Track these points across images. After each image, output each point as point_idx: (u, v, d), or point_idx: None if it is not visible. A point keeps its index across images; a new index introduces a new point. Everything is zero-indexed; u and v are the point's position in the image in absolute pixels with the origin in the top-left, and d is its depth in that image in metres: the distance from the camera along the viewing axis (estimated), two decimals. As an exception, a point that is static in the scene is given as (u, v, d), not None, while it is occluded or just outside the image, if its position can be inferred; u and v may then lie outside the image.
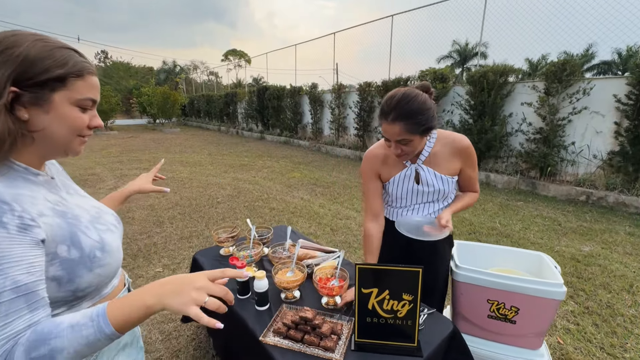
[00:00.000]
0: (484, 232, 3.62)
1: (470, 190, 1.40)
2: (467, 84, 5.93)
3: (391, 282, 0.99)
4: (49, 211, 0.60)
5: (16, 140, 0.57)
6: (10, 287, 0.50)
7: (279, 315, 1.19)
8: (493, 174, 5.70)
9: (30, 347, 0.49)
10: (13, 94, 0.55)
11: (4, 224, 0.51)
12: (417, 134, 1.13)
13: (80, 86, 0.61)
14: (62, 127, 0.60)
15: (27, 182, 0.61)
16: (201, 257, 1.69)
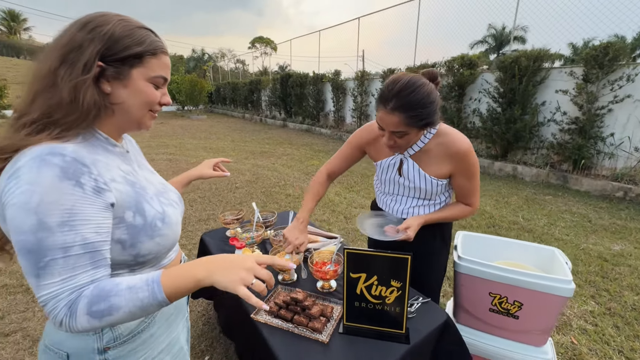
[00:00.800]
0: (504, 226, 3.47)
1: (464, 201, 1.30)
2: (497, 70, 5.60)
3: (380, 268, 0.99)
4: (120, 179, 0.65)
5: (100, 111, 0.62)
6: (79, 243, 0.55)
7: (273, 295, 1.22)
8: (521, 166, 5.41)
9: (92, 301, 0.54)
10: (99, 68, 0.60)
11: (82, 184, 0.56)
12: (415, 127, 1.05)
13: (154, 64, 0.66)
14: (137, 101, 0.66)
15: (105, 150, 0.66)
16: (208, 237, 1.75)
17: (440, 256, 1.41)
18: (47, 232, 0.52)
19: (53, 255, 0.53)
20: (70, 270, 0.54)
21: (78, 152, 0.57)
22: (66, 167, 0.54)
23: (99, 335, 0.65)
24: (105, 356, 0.66)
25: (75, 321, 0.53)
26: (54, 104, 0.58)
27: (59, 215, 0.53)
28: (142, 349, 0.71)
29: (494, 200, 4.31)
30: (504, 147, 5.74)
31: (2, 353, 1.78)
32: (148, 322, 0.72)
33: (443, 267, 1.45)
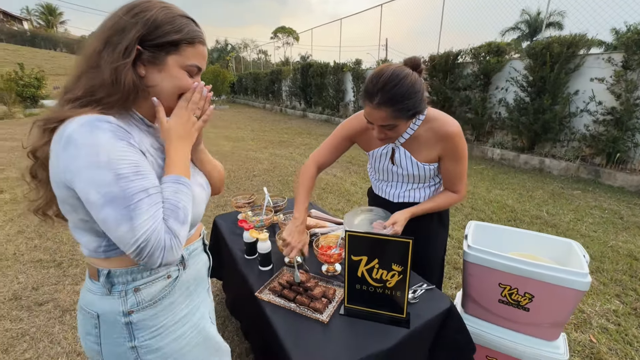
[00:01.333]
0: (526, 221, 3.34)
1: (451, 188, 1.28)
2: (526, 58, 5.30)
3: (381, 252, 0.98)
4: (153, 152, 0.71)
5: (138, 93, 0.66)
6: (152, 185, 0.62)
7: (278, 275, 1.25)
8: (549, 159, 5.15)
9: (172, 216, 0.63)
10: (137, 51, 0.64)
11: (132, 145, 0.62)
12: (403, 119, 1.04)
13: (190, 53, 0.69)
14: (169, 86, 0.69)
15: (139, 129, 0.71)
16: (220, 220, 1.81)
17: (438, 237, 1.41)
18: (127, 181, 0.58)
19: (140, 197, 0.59)
20: (155, 206, 0.61)
21: (120, 122, 0.63)
22: (116, 130, 0.60)
23: (124, 299, 0.70)
24: (130, 319, 0.71)
25: (179, 236, 0.63)
26: (97, 84, 0.63)
27: (130, 167, 0.59)
28: (163, 314, 0.75)
29: (517, 194, 4.14)
30: (531, 139, 5.47)
31: (35, 320, 1.93)
32: (169, 290, 0.76)
33: (442, 249, 1.45)
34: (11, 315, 1.97)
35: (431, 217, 1.36)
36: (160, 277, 0.74)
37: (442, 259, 1.46)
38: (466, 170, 1.26)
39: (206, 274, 0.92)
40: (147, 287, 0.72)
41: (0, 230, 3.04)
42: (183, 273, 0.79)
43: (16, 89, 11.59)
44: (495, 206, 3.71)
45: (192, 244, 0.84)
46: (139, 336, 0.72)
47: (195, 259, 0.85)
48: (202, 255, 0.90)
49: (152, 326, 0.73)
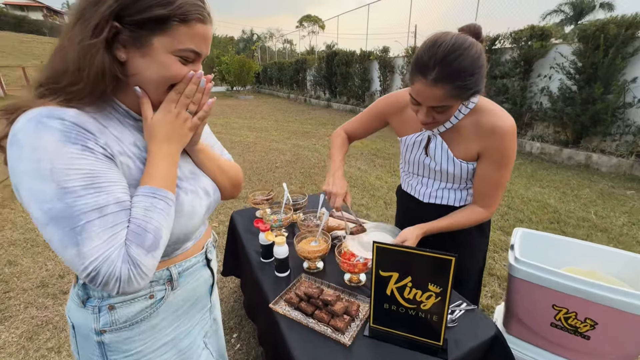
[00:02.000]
0: (571, 223, 3.02)
1: (480, 200, 1.06)
2: (576, 41, 4.78)
3: (415, 268, 0.83)
4: (133, 154, 0.58)
5: (113, 81, 0.53)
6: (113, 202, 0.51)
7: (295, 284, 1.13)
8: (597, 154, 4.66)
9: (137, 240, 0.51)
10: (114, 30, 0.51)
11: (91, 149, 0.50)
12: (460, 99, 0.86)
13: (183, 33, 0.54)
14: (155, 75, 0.55)
15: (121, 124, 0.59)
16: (237, 216, 1.71)
17: (477, 249, 1.20)
18: (74, 196, 0.48)
19: (89, 217, 0.48)
20: (111, 229, 0.50)
21: (80, 118, 0.51)
22: (67, 131, 0.48)
23: (96, 315, 0.62)
24: (102, 338, 0.63)
25: (142, 267, 0.51)
26: (60, 68, 0.52)
27: (81, 179, 0.48)
28: (141, 339, 0.66)
29: (560, 193, 3.77)
30: (577, 132, 4.97)
31: (59, 309, 1.96)
32: (150, 312, 0.66)
33: (481, 261, 1.25)
34: (37, 302, 2.01)
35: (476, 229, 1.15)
36: (140, 297, 0.64)
37: (480, 272, 1.27)
38: (506, 183, 1.03)
39: (207, 292, 0.81)
40: (123, 307, 0.62)
41: (34, 216, 3.15)
42: (171, 294, 0.68)
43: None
44: (534, 206, 3.40)
45: (188, 259, 0.72)
46: (112, 358, 0.64)
47: (189, 278, 0.73)
48: (203, 271, 0.77)
49: (126, 350, 0.65)
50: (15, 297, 2.04)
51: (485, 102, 0.99)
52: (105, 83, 0.52)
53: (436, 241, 1.14)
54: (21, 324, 1.83)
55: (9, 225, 2.96)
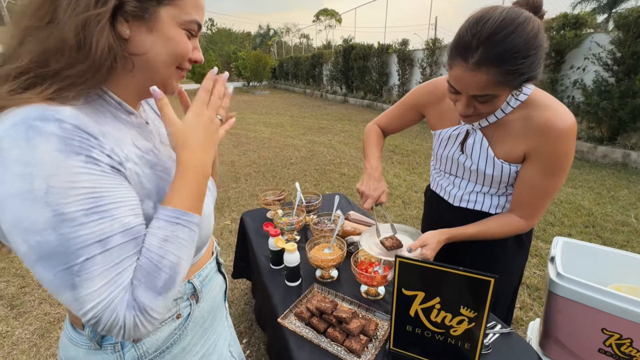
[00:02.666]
0: (608, 228, 2.78)
1: (520, 210, 0.90)
2: (615, 30, 4.41)
3: (446, 288, 0.71)
4: (136, 158, 0.49)
5: (115, 63, 0.45)
6: (119, 230, 0.42)
7: (306, 296, 1.03)
8: (636, 152, 4.31)
9: (148, 280, 0.44)
10: (117, 1, 0.43)
11: (96, 160, 0.41)
12: (510, 87, 0.71)
13: (189, 4, 0.49)
14: (165, 52, 0.49)
15: (116, 120, 0.50)
16: (247, 217, 1.63)
17: (513, 260, 1.05)
18: (72, 225, 0.39)
19: (90, 253, 0.40)
20: (115, 267, 0.42)
21: (79, 118, 0.41)
22: (67, 137, 0.39)
23: (119, 354, 0.54)
24: None
25: (150, 312, 0.43)
26: (52, 47, 0.42)
27: (82, 202, 0.39)
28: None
29: (595, 194, 3.50)
30: (614, 128, 4.62)
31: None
32: (179, 333, 0.59)
33: (517, 275, 1.09)
34: (51, 298, 2.01)
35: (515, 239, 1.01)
36: (167, 319, 0.57)
37: (515, 289, 1.12)
38: (556, 192, 0.87)
39: (223, 299, 0.75)
40: (150, 335, 0.55)
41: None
42: (196, 308, 0.63)
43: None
44: (567, 208, 3.16)
45: (204, 267, 0.66)
46: None
47: (209, 287, 0.67)
48: (217, 277, 0.72)
49: None
50: (30, 293, 2.05)
51: (541, 95, 0.82)
52: (110, 63, 0.44)
53: (463, 251, 1.01)
54: (35, 321, 1.83)
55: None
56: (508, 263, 1.04)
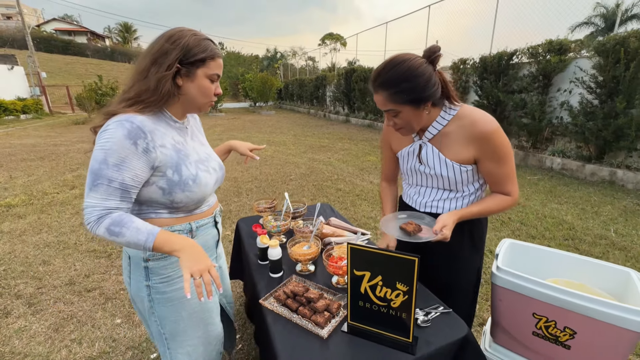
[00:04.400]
0: (587, 241, 2.92)
1: (499, 190, 1.13)
2: (595, 55, 4.70)
3: (384, 268, 0.91)
4: (170, 146, 0.91)
5: (170, 98, 0.90)
6: (118, 180, 0.82)
7: (285, 284, 1.23)
8: (621, 170, 4.48)
9: (112, 222, 0.82)
10: (177, 68, 0.87)
11: (137, 145, 0.83)
12: (403, 104, 1.02)
13: (212, 65, 0.92)
14: (199, 92, 0.92)
15: (166, 124, 0.94)
16: (242, 223, 1.85)
17: (469, 260, 1.25)
18: (105, 166, 0.80)
19: (102, 181, 0.81)
20: (107, 195, 0.82)
21: (143, 122, 0.85)
22: (131, 130, 0.82)
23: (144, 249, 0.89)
24: (147, 264, 0.97)
25: (97, 228, 0.81)
26: (144, 89, 0.87)
27: (116, 159, 0.81)
28: (171, 267, 0.99)
29: (579, 209, 3.65)
30: (600, 147, 4.81)
31: (83, 305, 2.15)
32: None
33: (474, 273, 1.27)
34: (65, 298, 2.21)
35: (461, 236, 1.20)
36: None
37: (474, 287, 1.30)
38: (514, 170, 1.11)
39: (214, 245, 1.15)
40: None
41: (67, 221, 3.46)
42: None
43: (95, 98, 13.26)
44: (550, 222, 3.31)
45: (202, 219, 1.05)
46: (152, 279, 0.97)
47: (203, 232, 1.06)
48: (212, 230, 1.11)
49: (161, 274, 0.98)
50: (46, 293, 2.26)
51: (466, 109, 1.09)
52: (167, 97, 0.89)
53: (430, 252, 1.21)
54: (50, 317, 2.03)
55: (45, 229, 3.27)
56: (465, 260, 1.24)
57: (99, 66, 31.51)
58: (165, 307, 1.00)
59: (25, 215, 3.62)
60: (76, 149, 7.28)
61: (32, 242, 2.99)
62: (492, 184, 1.14)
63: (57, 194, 4.30)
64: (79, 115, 14.96)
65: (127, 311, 2.09)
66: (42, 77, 16.63)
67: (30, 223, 3.41)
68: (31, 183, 4.75)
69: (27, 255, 2.77)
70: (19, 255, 2.77)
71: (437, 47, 1.00)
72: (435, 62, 1.01)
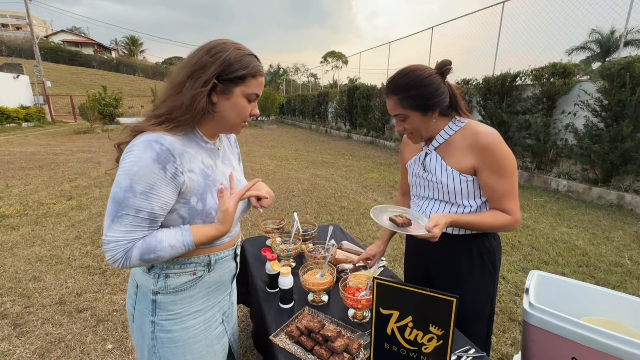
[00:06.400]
0: (602, 268, 2.81)
1: (498, 207, 1.08)
2: (599, 79, 4.72)
3: (416, 308, 0.81)
4: (198, 170, 0.82)
5: (204, 116, 0.80)
6: (147, 210, 0.73)
7: (297, 317, 1.12)
8: (630, 194, 4.41)
9: (143, 252, 0.74)
10: (213, 84, 0.77)
11: (166, 169, 0.74)
12: (412, 109, 1.06)
13: (253, 83, 0.82)
14: (233, 112, 0.82)
15: (197, 145, 0.84)
16: (248, 244, 1.74)
17: (480, 286, 1.16)
18: (132, 194, 0.71)
19: (128, 211, 0.71)
20: (134, 227, 0.72)
21: (173, 144, 0.75)
22: (161, 153, 0.73)
23: (155, 280, 0.84)
24: (155, 297, 0.85)
25: (129, 263, 0.74)
26: (177, 105, 0.77)
27: (144, 186, 0.71)
28: (181, 303, 0.87)
29: (590, 234, 3.55)
30: (607, 170, 4.76)
31: (73, 327, 2.01)
32: (191, 284, 0.87)
33: (487, 302, 1.19)
34: (54, 319, 2.07)
35: (470, 260, 1.15)
36: (187, 272, 0.86)
37: (490, 314, 1.20)
38: (516, 188, 1.06)
39: (230, 279, 1.01)
40: (174, 277, 0.85)
41: (62, 234, 3.33)
42: (207, 274, 0.90)
43: (98, 108, 13.31)
44: (561, 247, 3.21)
45: (223, 252, 0.93)
46: (159, 314, 0.86)
47: (221, 265, 0.94)
48: (230, 263, 0.98)
49: (170, 310, 0.86)
50: (34, 313, 2.12)
51: (472, 122, 1.11)
52: (201, 115, 0.79)
53: (438, 274, 1.20)
54: (36, 340, 1.88)
55: (38, 242, 3.14)
56: (476, 288, 1.16)
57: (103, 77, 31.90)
58: (169, 349, 0.88)
59: (19, 226, 3.49)
60: (76, 158, 7.20)
61: (24, 256, 2.86)
62: (491, 199, 1.09)
63: (54, 204, 4.18)
64: (81, 124, 14.97)
65: (120, 335, 1.95)
66: (46, 86, 16.76)
67: (23, 235, 3.28)
68: (27, 192, 4.64)
69: (17, 270, 2.64)
70: (8, 269, 2.64)
71: (448, 61, 1.06)
72: (445, 74, 1.07)
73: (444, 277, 1.20)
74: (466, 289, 1.16)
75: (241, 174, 1.03)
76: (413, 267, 1.36)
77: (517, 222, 1.07)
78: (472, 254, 1.15)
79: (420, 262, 1.29)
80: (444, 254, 1.18)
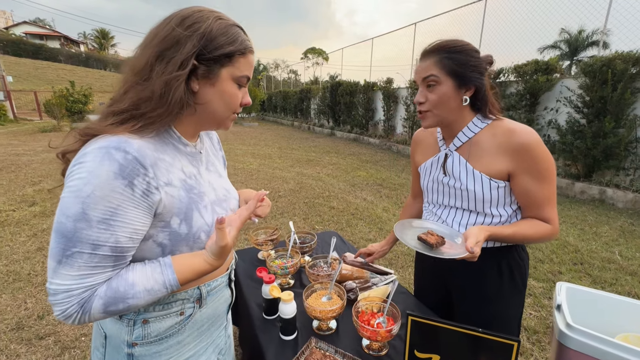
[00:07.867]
0: (595, 265, 2.80)
1: (536, 215, 0.95)
2: (582, 76, 4.79)
3: (463, 352, 0.65)
4: (178, 182, 0.63)
5: (182, 109, 0.60)
6: (110, 244, 0.54)
7: (304, 352, 0.93)
8: (611, 189, 4.50)
9: (108, 302, 0.55)
10: (193, 66, 0.59)
11: (133, 186, 0.54)
12: (448, 74, 0.89)
13: (242, 63, 0.64)
14: (221, 102, 0.64)
15: (174, 149, 0.65)
16: (238, 258, 1.53)
17: (509, 306, 1.03)
18: (85, 224, 0.52)
19: (82, 248, 0.52)
20: (91, 268, 0.53)
21: (142, 151, 0.56)
22: (125, 164, 0.53)
23: (130, 328, 0.65)
24: (132, 350, 0.66)
25: (88, 317, 0.54)
26: (145, 96, 0.58)
27: (102, 212, 0.52)
28: (167, 353, 0.69)
29: (579, 230, 3.58)
30: (589, 166, 4.85)
31: (32, 357, 1.73)
32: (178, 328, 0.69)
33: (515, 323, 1.06)
34: (9, 349, 1.78)
35: (499, 278, 1.01)
36: (172, 312, 0.68)
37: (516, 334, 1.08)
38: (555, 193, 0.94)
39: (225, 310, 0.84)
40: (156, 322, 0.66)
41: (22, 245, 2.97)
42: (198, 311, 0.72)
43: (66, 105, 12.43)
44: (554, 244, 3.19)
45: (215, 279, 0.75)
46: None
47: (215, 297, 0.76)
48: (225, 291, 0.81)
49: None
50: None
51: (502, 120, 0.96)
52: (179, 109, 0.60)
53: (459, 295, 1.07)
54: (-14, 377, 1.61)
55: (-7, 256, 2.78)
56: (505, 309, 1.02)
57: (72, 72, 30.09)
58: None
59: (-30, 238, 3.09)
60: (40, 159, 6.64)
61: (-25, 273, 2.51)
62: (528, 206, 0.95)
63: (13, 211, 3.77)
64: (47, 122, 14.00)
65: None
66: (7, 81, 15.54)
67: (-26, 248, 2.90)
68: (-18, 199, 4.17)
69: (-35, 290, 2.30)
70: (-45, 290, 2.29)
71: (491, 56, 0.94)
72: (489, 66, 0.95)
73: (467, 298, 1.05)
74: (493, 311, 1.02)
75: (228, 182, 0.84)
76: (428, 287, 1.20)
77: (557, 232, 0.94)
78: (502, 269, 1.00)
79: (439, 281, 1.14)
80: (469, 272, 1.02)
